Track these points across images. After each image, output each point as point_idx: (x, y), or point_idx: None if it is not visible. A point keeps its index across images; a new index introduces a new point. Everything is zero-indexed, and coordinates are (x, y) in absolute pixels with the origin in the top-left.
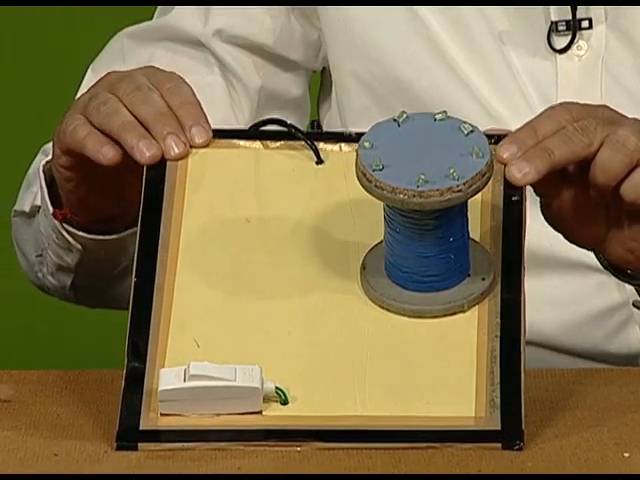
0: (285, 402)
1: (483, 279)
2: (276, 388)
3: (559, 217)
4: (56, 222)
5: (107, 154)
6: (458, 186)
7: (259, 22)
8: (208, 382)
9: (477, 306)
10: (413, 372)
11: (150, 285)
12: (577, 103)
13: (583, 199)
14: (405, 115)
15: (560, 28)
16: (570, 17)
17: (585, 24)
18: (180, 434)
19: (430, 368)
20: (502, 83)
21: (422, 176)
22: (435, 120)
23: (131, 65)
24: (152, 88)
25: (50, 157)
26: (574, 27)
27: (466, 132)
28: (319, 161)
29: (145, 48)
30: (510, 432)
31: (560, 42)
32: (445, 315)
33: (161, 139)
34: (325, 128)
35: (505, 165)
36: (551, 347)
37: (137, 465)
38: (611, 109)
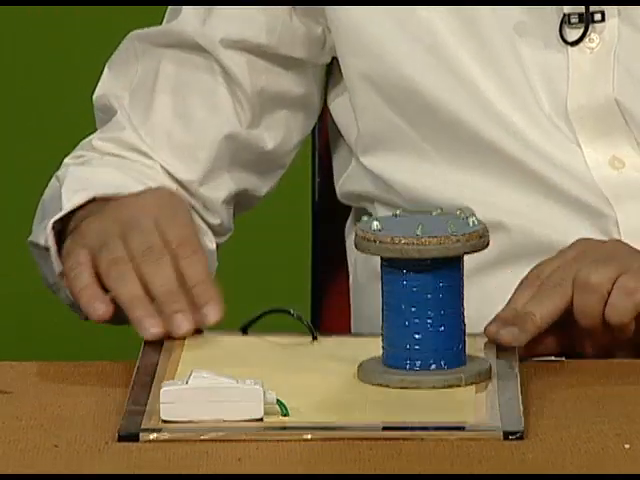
0: (286, 414)
1: (479, 365)
2: (277, 400)
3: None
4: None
5: (98, 310)
6: (456, 236)
7: (259, 24)
8: (210, 382)
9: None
10: (413, 398)
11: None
12: (545, 261)
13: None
14: (402, 211)
15: (572, 20)
16: (583, 10)
17: (598, 17)
18: (181, 426)
19: (429, 394)
20: (510, 79)
21: (421, 227)
22: (432, 214)
23: (144, 65)
24: (164, 252)
25: (59, 215)
26: (587, 20)
27: (463, 216)
28: (315, 338)
29: (155, 50)
30: (510, 422)
31: (572, 34)
32: (443, 387)
33: (169, 315)
34: (333, 114)
35: (495, 338)
36: None
37: (138, 456)
38: (579, 244)
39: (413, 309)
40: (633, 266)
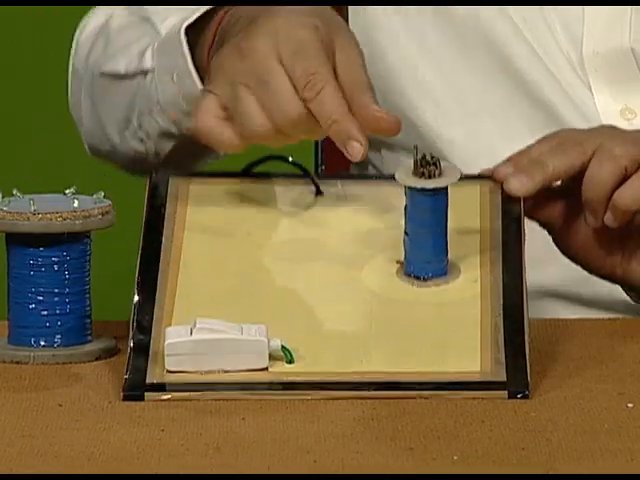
0: (291, 361)
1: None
2: (282, 346)
3: (570, 248)
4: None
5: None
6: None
7: None
8: (214, 335)
9: (480, 290)
10: (417, 335)
11: (153, 279)
12: (572, 129)
13: (588, 227)
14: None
15: None
16: None
17: None
18: (186, 385)
19: (434, 331)
20: (529, 17)
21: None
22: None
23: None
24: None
25: (192, 19)
26: None
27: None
28: (319, 192)
29: None
30: (515, 381)
31: None
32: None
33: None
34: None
35: (502, 183)
36: (561, 296)
37: (141, 415)
38: (611, 127)
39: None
40: None
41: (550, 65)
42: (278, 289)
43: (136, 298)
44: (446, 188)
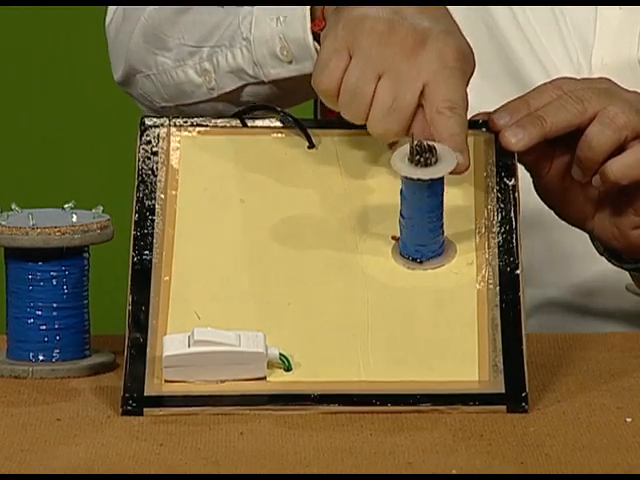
0: (289, 368)
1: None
2: (280, 354)
3: (548, 193)
4: (311, 40)
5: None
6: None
7: None
8: (212, 347)
9: (476, 274)
10: (415, 338)
11: (148, 259)
12: (571, 78)
13: (570, 175)
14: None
15: None
16: None
17: None
18: (184, 399)
19: (431, 334)
20: (543, 21)
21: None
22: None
23: None
24: None
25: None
26: None
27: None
28: (311, 146)
29: None
30: (514, 394)
31: None
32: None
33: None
34: None
35: (498, 133)
36: (564, 305)
37: (140, 430)
38: (609, 81)
39: None
40: None
41: (555, 75)
42: (274, 283)
43: (130, 297)
44: (442, 177)
